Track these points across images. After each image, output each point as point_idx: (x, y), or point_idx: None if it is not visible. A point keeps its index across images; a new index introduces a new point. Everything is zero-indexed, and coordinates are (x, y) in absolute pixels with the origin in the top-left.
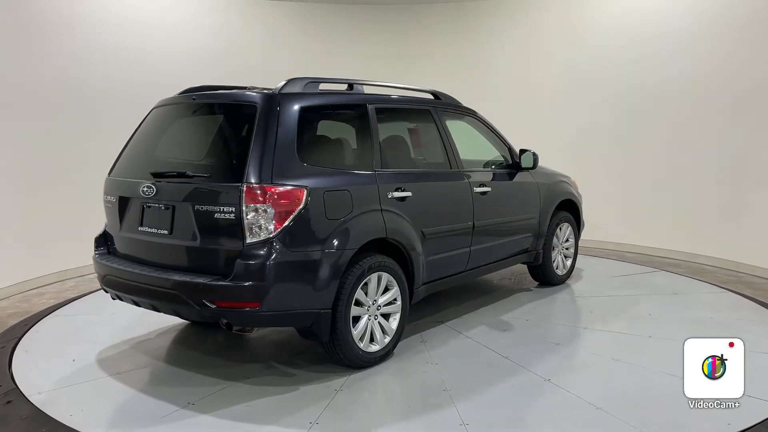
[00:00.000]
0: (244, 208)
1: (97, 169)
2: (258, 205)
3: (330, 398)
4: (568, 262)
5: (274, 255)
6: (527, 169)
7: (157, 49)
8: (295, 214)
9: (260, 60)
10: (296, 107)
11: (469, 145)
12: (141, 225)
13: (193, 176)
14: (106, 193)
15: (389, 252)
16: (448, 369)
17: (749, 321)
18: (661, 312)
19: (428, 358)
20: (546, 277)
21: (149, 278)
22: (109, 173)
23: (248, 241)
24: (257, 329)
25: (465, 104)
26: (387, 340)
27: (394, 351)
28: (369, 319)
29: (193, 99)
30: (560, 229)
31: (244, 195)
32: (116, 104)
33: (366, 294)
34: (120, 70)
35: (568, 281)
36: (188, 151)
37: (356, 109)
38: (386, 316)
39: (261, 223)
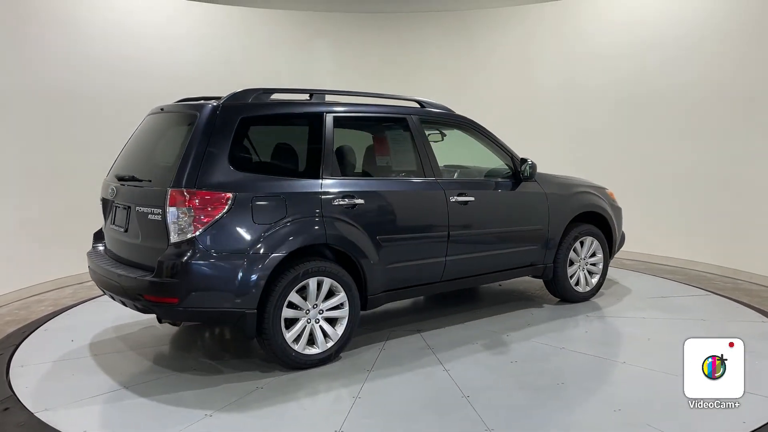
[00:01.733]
0: (167, 210)
1: (95, 176)
2: (180, 208)
3: (244, 395)
4: (594, 279)
5: (193, 255)
6: (529, 178)
7: (160, 59)
8: (217, 217)
9: (259, 69)
10: (235, 117)
11: (462, 154)
12: (112, 223)
13: (141, 180)
14: (101, 193)
15: (339, 258)
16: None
17: None
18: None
19: (361, 374)
20: (562, 294)
21: (111, 273)
22: (107, 175)
23: (171, 240)
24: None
25: (463, 112)
26: (330, 344)
27: (341, 355)
28: (308, 323)
29: (161, 110)
30: (582, 243)
31: (168, 198)
32: (114, 112)
33: (305, 298)
34: (119, 78)
35: (594, 299)
36: (150, 157)
37: (308, 118)
38: (334, 321)
39: (182, 224)
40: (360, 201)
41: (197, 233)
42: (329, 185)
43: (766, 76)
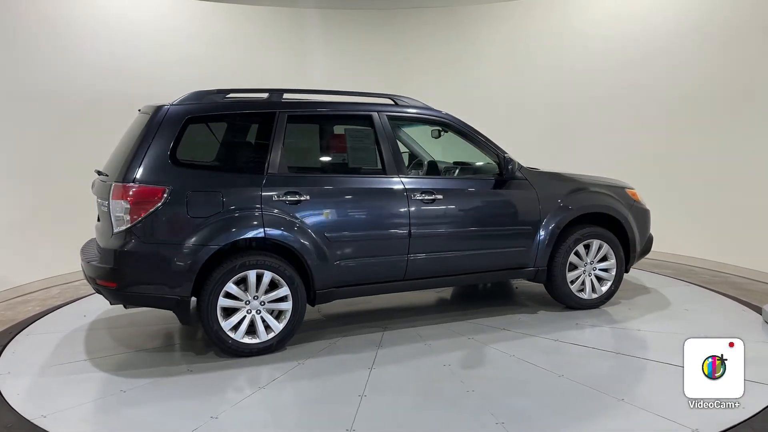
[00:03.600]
0: (110, 203)
1: (83, 176)
2: (119, 201)
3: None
4: (605, 287)
5: (127, 244)
6: (509, 177)
7: (152, 58)
8: (151, 210)
9: (253, 67)
10: (182, 117)
11: (451, 151)
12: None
13: (105, 175)
14: None
15: (284, 252)
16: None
17: None
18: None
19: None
20: (562, 300)
21: (83, 262)
22: None
23: (114, 230)
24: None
25: (455, 108)
26: (271, 335)
27: (285, 346)
28: (248, 313)
29: (139, 110)
30: (588, 246)
31: (111, 191)
32: (103, 112)
33: (245, 289)
34: (108, 78)
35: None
36: (116, 154)
37: (258, 117)
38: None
39: (120, 216)
40: (305, 197)
41: (133, 224)
42: (273, 181)
43: (761, 68)
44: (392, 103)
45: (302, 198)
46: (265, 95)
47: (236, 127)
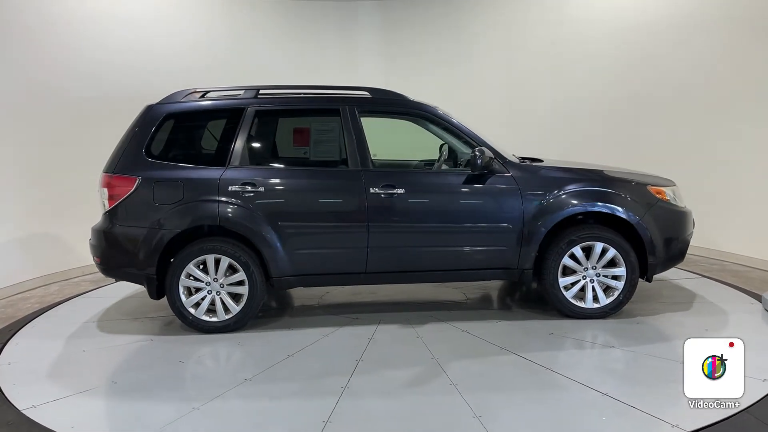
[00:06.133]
0: (98, 190)
1: (81, 172)
2: (104, 188)
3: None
4: (611, 297)
5: (104, 225)
6: (480, 170)
7: (151, 51)
8: (124, 197)
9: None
10: (160, 114)
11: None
12: None
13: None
14: None
15: (241, 239)
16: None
17: None
18: None
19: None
20: (556, 306)
21: None
22: None
23: (103, 213)
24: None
25: (448, 99)
26: (228, 316)
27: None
28: (209, 293)
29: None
30: (588, 249)
31: (101, 180)
32: (101, 110)
33: (206, 272)
34: (106, 75)
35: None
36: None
37: (228, 112)
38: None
39: (104, 201)
40: (260, 189)
41: (111, 208)
42: (232, 173)
43: (756, 62)
44: (366, 96)
45: (257, 189)
46: (241, 93)
47: (208, 123)
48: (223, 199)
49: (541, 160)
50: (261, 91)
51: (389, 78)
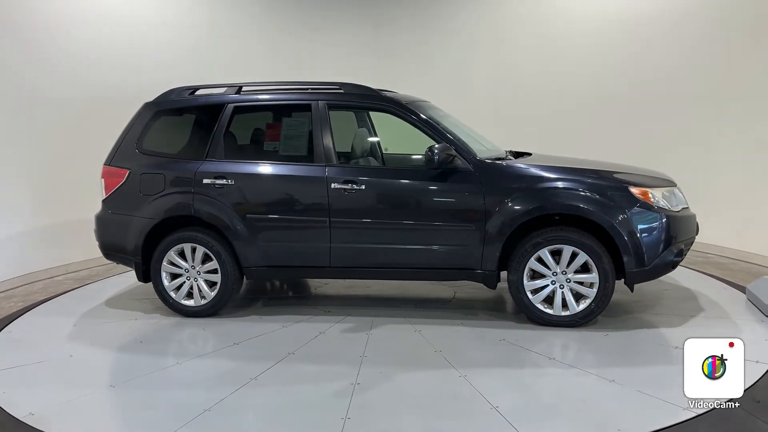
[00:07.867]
0: (100, 180)
1: (65, 171)
2: (102, 179)
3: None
4: (582, 304)
5: (102, 212)
6: (449, 167)
7: (149, 50)
8: (116, 187)
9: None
10: (151, 111)
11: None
12: None
13: None
14: None
15: (214, 230)
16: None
17: None
18: None
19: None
20: (524, 312)
21: None
22: None
23: (101, 202)
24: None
25: (437, 96)
26: (204, 301)
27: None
28: (188, 280)
29: None
30: (557, 253)
31: (102, 172)
32: (83, 110)
33: (185, 259)
34: (95, 75)
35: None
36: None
37: (209, 108)
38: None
39: (102, 191)
40: (230, 182)
41: (106, 197)
42: (207, 167)
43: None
44: (338, 91)
45: (227, 182)
46: (225, 90)
47: (193, 119)
48: (197, 191)
49: (530, 154)
50: (243, 88)
51: (390, 78)
